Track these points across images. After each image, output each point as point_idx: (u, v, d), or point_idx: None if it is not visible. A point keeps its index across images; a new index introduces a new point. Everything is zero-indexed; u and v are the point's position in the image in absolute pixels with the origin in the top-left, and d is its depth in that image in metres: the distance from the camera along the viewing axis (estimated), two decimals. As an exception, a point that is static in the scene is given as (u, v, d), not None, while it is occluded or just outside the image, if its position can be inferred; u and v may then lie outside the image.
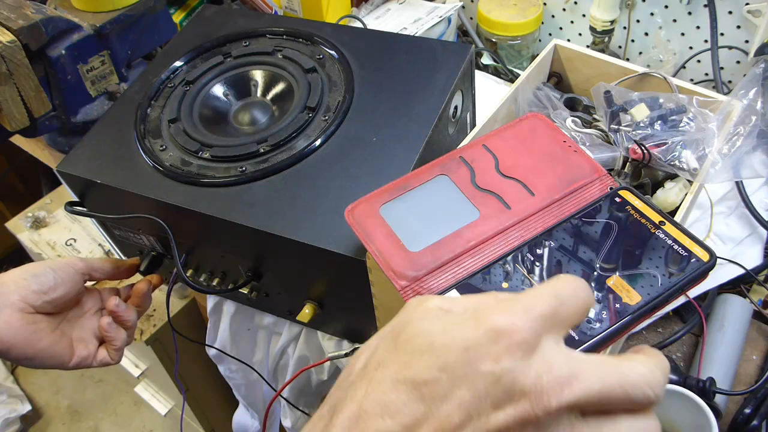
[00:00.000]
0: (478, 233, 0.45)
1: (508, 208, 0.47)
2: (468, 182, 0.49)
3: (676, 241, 0.43)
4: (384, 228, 0.46)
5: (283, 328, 0.82)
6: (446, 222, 0.46)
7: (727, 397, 0.67)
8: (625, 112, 0.71)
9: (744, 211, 0.81)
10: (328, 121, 0.66)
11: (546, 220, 0.46)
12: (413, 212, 0.47)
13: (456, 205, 0.48)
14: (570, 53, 0.80)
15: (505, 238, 0.45)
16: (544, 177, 0.48)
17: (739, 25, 0.93)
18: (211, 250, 0.70)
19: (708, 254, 0.42)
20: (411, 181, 0.49)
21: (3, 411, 1.73)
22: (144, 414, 1.82)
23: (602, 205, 0.46)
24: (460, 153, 0.51)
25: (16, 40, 0.77)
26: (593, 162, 0.49)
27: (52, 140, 1.00)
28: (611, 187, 0.47)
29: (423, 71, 0.69)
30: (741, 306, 0.74)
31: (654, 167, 0.70)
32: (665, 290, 0.40)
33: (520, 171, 0.49)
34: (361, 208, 0.48)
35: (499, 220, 0.46)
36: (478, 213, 0.47)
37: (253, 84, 0.74)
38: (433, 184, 0.49)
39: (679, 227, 0.44)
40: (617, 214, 0.45)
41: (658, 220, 0.44)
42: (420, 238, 0.46)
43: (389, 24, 1.07)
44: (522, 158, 0.50)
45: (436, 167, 0.50)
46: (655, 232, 0.44)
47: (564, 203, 0.47)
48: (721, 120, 0.67)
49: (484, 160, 0.50)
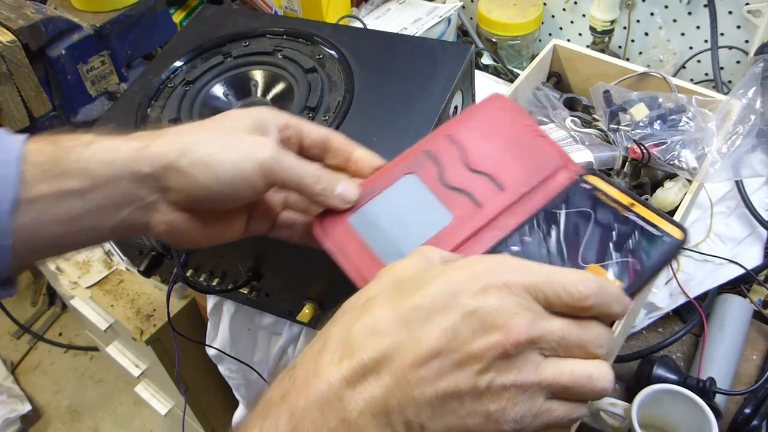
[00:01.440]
0: (453, 238, 0.44)
1: (479, 207, 0.46)
2: (436, 180, 0.47)
3: (647, 221, 0.43)
4: (356, 241, 0.45)
5: (283, 328, 0.82)
6: (420, 229, 0.45)
7: (727, 397, 0.67)
8: (624, 112, 0.71)
9: (744, 211, 0.81)
10: (328, 121, 0.66)
11: (518, 215, 0.45)
12: (385, 220, 0.46)
13: (427, 209, 0.46)
14: (569, 53, 0.81)
15: (479, 240, 0.44)
16: (512, 168, 0.47)
17: (739, 25, 0.93)
18: (210, 250, 0.70)
19: (680, 231, 0.42)
20: (377, 183, 0.47)
21: (3, 411, 1.73)
22: (144, 414, 1.82)
23: (571, 193, 0.45)
24: (425, 146, 0.49)
25: (16, 40, 0.77)
26: (559, 148, 0.48)
27: (52, 140, 1.00)
28: (578, 174, 0.47)
29: (423, 71, 0.69)
30: (741, 306, 0.74)
31: (653, 167, 0.70)
32: (644, 272, 0.40)
33: (487, 163, 0.48)
34: (329, 219, 0.46)
35: (472, 221, 0.45)
36: (451, 216, 0.45)
37: (253, 84, 0.74)
38: (400, 186, 0.47)
39: (649, 207, 0.44)
40: (587, 200, 0.45)
41: (628, 202, 0.44)
42: (395, 250, 0.44)
43: (389, 24, 1.07)
44: (488, 148, 0.48)
45: (402, 165, 0.48)
46: (626, 215, 0.43)
47: (533, 195, 0.46)
48: (721, 119, 0.67)
49: (450, 154, 0.48)
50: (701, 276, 0.77)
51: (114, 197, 0.41)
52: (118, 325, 1.08)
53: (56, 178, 0.39)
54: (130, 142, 0.42)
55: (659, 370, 0.67)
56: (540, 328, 0.31)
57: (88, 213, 0.40)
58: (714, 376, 0.66)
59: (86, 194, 0.40)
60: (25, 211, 0.39)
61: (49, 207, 0.39)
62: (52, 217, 0.40)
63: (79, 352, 1.98)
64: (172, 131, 0.43)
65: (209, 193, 0.41)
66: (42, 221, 0.39)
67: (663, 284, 0.76)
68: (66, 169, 0.40)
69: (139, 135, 0.43)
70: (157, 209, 0.43)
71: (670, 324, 0.76)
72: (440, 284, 0.32)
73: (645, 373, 0.67)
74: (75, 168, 0.40)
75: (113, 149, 0.41)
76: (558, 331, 0.31)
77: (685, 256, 0.79)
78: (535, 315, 0.31)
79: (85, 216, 0.40)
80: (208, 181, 0.41)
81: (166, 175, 0.41)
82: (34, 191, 0.39)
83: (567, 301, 0.32)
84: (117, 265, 1.02)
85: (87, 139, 0.41)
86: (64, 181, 0.39)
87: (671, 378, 0.66)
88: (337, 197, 0.44)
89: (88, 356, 1.97)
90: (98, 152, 0.41)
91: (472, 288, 0.31)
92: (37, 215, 0.39)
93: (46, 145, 0.41)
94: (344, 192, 0.44)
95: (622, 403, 0.61)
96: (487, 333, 0.30)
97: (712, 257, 0.78)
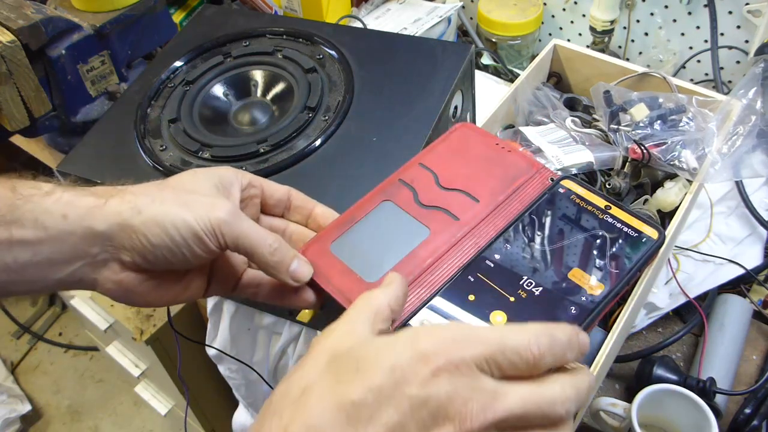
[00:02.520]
0: (433, 250, 0.45)
1: (456, 219, 0.46)
2: (412, 202, 0.48)
3: (624, 224, 0.44)
4: (338, 265, 0.45)
5: (283, 328, 0.82)
6: (399, 246, 0.45)
7: (727, 397, 0.67)
8: (624, 112, 0.71)
9: (744, 211, 0.81)
10: (328, 121, 0.66)
11: (496, 222, 0.46)
12: (364, 244, 0.46)
13: (405, 227, 0.47)
14: (570, 53, 0.81)
15: (460, 249, 0.45)
16: (485, 182, 0.48)
17: (739, 25, 0.93)
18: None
19: (656, 231, 0.43)
20: (356, 213, 0.48)
21: (3, 411, 1.73)
22: (144, 414, 1.82)
23: (548, 198, 0.46)
24: (399, 176, 0.50)
25: (16, 40, 0.77)
26: (529, 158, 0.50)
27: (52, 140, 1.00)
28: (551, 177, 0.48)
29: (423, 71, 0.69)
30: (741, 306, 0.74)
31: (653, 167, 0.70)
32: (624, 275, 0.41)
33: (460, 181, 0.49)
34: (312, 250, 0.46)
35: (450, 232, 0.46)
36: (428, 230, 0.46)
37: (253, 84, 0.74)
38: (378, 212, 0.48)
39: (625, 209, 0.45)
40: (564, 205, 0.46)
41: (604, 204, 0.45)
42: (376, 268, 0.44)
43: (389, 24, 1.07)
44: (460, 168, 0.50)
45: (377, 194, 0.49)
46: (603, 218, 0.44)
47: (510, 203, 0.47)
48: (721, 120, 0.67)
49: (424, 178, 0.49)
50: (701, 276, 0.77)
51: (64, 251, 0.40)
52: (118, 325, 1.09)
53: (8, 224, 0.38)
54: (88, 198, 0.41)
55: (659, 370, 0.67)
56: (496, 412, 0.29)
57: (35, 264, 0.39)
58: (714, 376, 0.66)
59: (36, 245, 0.39)
60: None
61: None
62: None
63: (79, 352, 1.98)
64: (131, 189, 0.42)
65: (160, 253, 0.40)
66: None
67: (663, 284, 0.76)
68: (19, 216, 0.39)
69: (99, 190, 0.42)
70: (108, 267, 0.41)
71: (670, 324, 0.76)
72: (384, 372, 0.29)
73: (645, 373, 0.67)
74: (29, 217, 0.39)
75: (69, 203, 0.40)
76: (517, 408, 0.29)
77: (685, 256, 0.79)
78: (490, 396, 0.29)
79: (32, 266, 0.39)
80: (158, 240, 0.40)
81: (119, 234, 0.40)
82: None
83: (523, 366, 0.30)
84: (117, 265, 1.01)
85: (47, 189, 0.40)
86: (16, 229, 0.38)
87: (671, 378, 0.66)
88: (290, 273, 0.42)
89: (88, 356, 1.97)
90: (54, 204, 0.40)
91: (419, 373, 0.29)
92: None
93: (5, 189, 0.40)
94: (297, 270, 0.43)
95: (622, 403, 0.61)
96: (439, 426, 0.28)
97: (712, 257, 0.78)
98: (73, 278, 0.41)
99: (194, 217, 0.40)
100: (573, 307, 0.40)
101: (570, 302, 0.40)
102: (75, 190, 0.41)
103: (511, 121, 0.78)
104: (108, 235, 0.40)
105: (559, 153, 0.69)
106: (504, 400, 0.29)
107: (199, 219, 0.40)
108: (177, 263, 0.41)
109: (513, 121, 0.79)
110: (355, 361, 0.30)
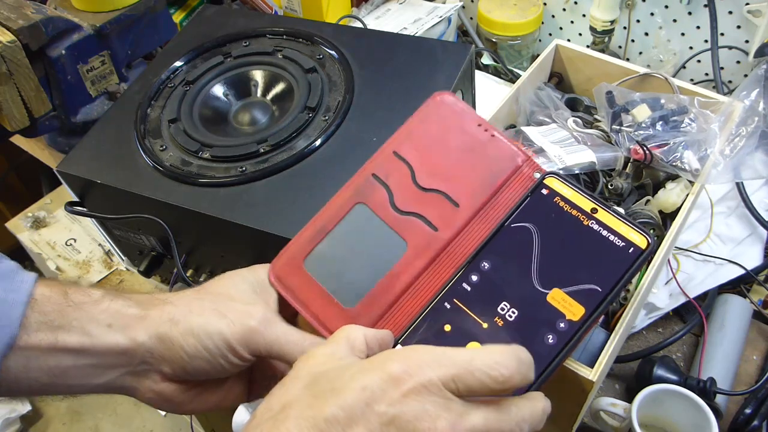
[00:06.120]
0: (410, 270, 0.43)
1: (435, 230, 0.44)
2: (387, 207, 0.45)
3: (611, 231, 0.41)
4: (313, 286, 0.43)
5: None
6: (375, 263, 0.43)
7: (727, 397, 0.67)
8: (626, 113, 0.71)
9: (744, 211, 0.81)
10: (328, 121, 0.66)
11: (476, 233, 0.43)
12: (339, 259, 0.44)
13: (380, 240, 0.44)
14: (571, 53, 0.80)
15: (439, 266, 0.43)
16: (465, 179, 0.45)
17: (739, 25, 0.93)
18: (211, 250, 0.70)
19: (645, 239, 0.40)
20: (328, 219, 0.46)
21: (3, 411, 1.73)
22: (144, 414, 1.82)
23: (530, 202, 0.43)
24: (372, 170, 0.47)
25: (16, 40, 0.77)
26: (512, 148, 0.46)
27: (52, 140, 0.99)
28: (537, 172, 0.45)
29: (423, 71, 0.69)
30: (741, 306, 0.74)
31: (655, 168, 0.70)
32: (607, 293, 0.39)
33: (439, 177, 0.45)
34: (283, 265, 0.44)
35: (428, 247, 0.43)
36: (405, 244, 0.44)
37: (253, 84, 0.74)
38: (352, 219, 0.46)
39: (612, 212, 0.42)
40: (547, 210, 0.43)
41: (590, 207, 0.42)
42: (353, 290, 0.43)
43: (389, 24, 1.07)
44: (438, 160, 0.46)
45: (350, 194, 0.46)
46: (588, 224, 0.41)
47: (491, 208, 0.44)
48: (723, 121, 0.67)
49: (399, 174, 0.46)
50: (701, 276, 0.77)
51: (106, 359, 0.41)
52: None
53: (55, 330, 0.39)
54: (132, 309, 0.42)
55: (659, 370, 0.67)
56: (464, 430, 0.30)
57: (78, 370, 0.40)
58: (714, 376, 0.66)
59: (80, 353, 0.40)
60: (16, 356, 0.39)
61: (41, 357, 0.39)
62: (42, 366, 0.40)
63: (79, 352, 1.98)
64: (171, 299, 0.43)
65: (198, 363, 0.41)
66: (30, 368, 0.39)
67: (663, 284, 0.76)
68: (67, 323, 0.40)
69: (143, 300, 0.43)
70: (148, 377, 0.42)
71: (670, 324, 0.76)
72: (356, 391, 0.31)
73: (645, 373, 0.67)
74: (76, 325, 0.40)
75: (116, 313, 0.41)
76: (480, 427, 0.31)
77: (685, 256, 0.79)
78: (457, 415, 0.31)
79: (74, 371, 0.40)
80: (194, 350, 0.41)
81: (158, 346, 0.41)
82: (32, 339, 0.39)
83: (492, 386, 0.31)
84: (117, 265, 1.01)
85: (96, 297, 0.42)
86: (63, 335, 0.40)
87: (671, 378, 0.66)
88: None
89: (88, 356, 1.97)
90: (101, 314, 0.41)
91: (389, 393, 0.30)
92: (27, 362, 0.39)
93: (57, 295, 0.41)
94: None
95: (622, 403, 0.61)
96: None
97: (712, 257, 0.78)
98: (114, 385, 0.42)
99: (228, 326, 0.41)
100: (551, 336, 0.38)
101: (548, 330, 0.39)
102: (122, 299, 0.43)
103: (513, 121, 0.78)
104: (148, 346, 0.41)
105: (562, 153, 0.69)
106: (469, 419, 0.31)
107: (233, 328, 0.41)
108: (214, 372, 0.42)
109: (515, 121, 0.78)
110: (331, 381, 0.32)
